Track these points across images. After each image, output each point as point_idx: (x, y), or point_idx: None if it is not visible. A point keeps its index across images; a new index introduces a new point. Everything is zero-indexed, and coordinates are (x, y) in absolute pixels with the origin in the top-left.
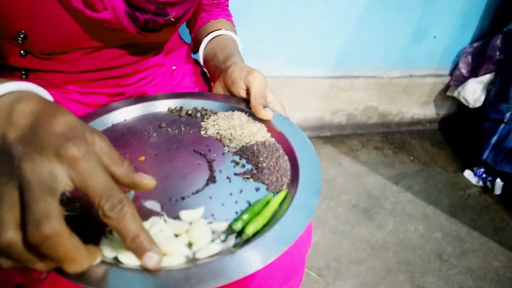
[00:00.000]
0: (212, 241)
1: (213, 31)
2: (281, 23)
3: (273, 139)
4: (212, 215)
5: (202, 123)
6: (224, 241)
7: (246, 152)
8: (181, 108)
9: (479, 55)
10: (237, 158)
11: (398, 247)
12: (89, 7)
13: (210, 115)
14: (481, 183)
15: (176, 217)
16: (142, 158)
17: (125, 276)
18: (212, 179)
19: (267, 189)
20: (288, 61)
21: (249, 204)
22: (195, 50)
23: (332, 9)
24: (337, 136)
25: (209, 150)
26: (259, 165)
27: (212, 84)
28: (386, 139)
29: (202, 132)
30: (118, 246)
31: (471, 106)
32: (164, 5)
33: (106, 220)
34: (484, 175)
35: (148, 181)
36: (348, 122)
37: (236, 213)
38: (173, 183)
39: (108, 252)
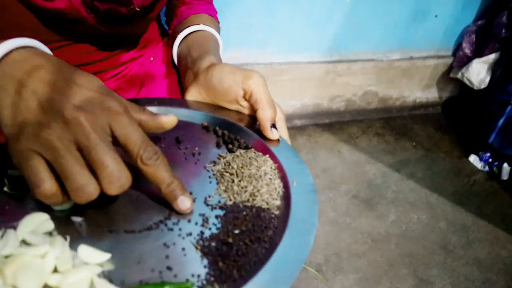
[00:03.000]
0: None
1: (189, 26)
2: (272, 7)
3: (277, 212)
4: (124, 257)
5: (221, 154)
6: None
7: (228, 214)
8: (216, 129)
9: (483, 33)
10: (210, 213)
11: (401, 238)
12: None
13: (237, 149)
14: (487, 169)
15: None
16: None
17: None
18: (162, 222)
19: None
20: (281, 47)
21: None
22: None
23: None
24: (336, 123)
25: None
26: (228, 239)
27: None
28: (387, 125)
29: (209, 165)
30: None
31: (475, 88)
32: None
33: (144, 167)
34: (490, 160)
35: (170, 118)
36: (347, 108)
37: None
38: (127, 210)
39: None
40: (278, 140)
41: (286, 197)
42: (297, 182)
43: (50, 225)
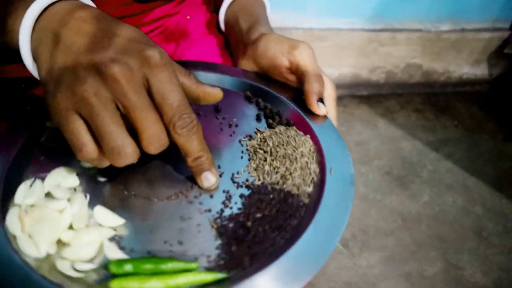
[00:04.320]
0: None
1: None
2: None
3: (307, 200)
4: (137, 225)
5: (259, 129)
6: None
7: (253, 195)
8: (259, 101)
9: None
10: (235, 191)
11: (433, 220)
12: None
13: (279, 125)
14: None
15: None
16: None
17: None
18: (182, 194)
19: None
20: (322, 11)
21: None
22: (216, 9)
23: None
24: (374, 96)
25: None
26: (247, 222)
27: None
28: (428, 100)
29: (244, 139)
30: None
31: None
32: None
33: (174, 135)
34: None
35: (215, 91)
36: (387, 81)
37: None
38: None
39: None
40: (324, 117)
41: (320, 185)
42: (335, 170)
43: (75, 181)
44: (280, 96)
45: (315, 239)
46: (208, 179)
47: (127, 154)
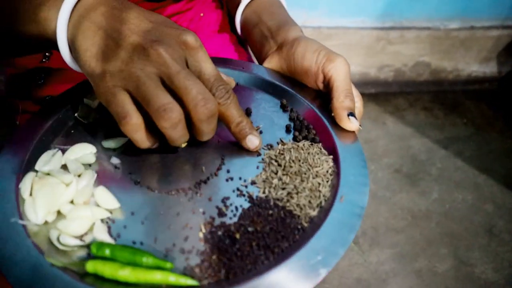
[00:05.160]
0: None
1: None
2: None
3: (306, 224)
4: (132, 213)
5: (283, 139)
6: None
7: (253, 208)
8: (293, 111)
9: None
10: (235, 199)
11: (443, 217)
12: None
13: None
14: None
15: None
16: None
17: None
18: (183, 191)
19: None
20: (331, 9)
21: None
22: (231, 12)
23: None
24: (382, 94)
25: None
26: (235, 234)
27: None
28: (436, 98)
29: (264, 147)
30: None
31: None
32: None
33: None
34: None
35: (229, 80)
36: (396, 79)
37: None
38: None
39: None
40: (354, 135)
41: (326, 211)
42: (347, 199)
43: (91, 158)
44: (315, 108)
45: (299, 270)
46: (252, 141)
47: (175, 111)
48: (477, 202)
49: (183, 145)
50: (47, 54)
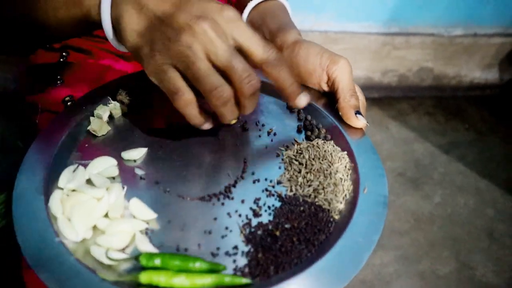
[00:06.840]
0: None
1: None
2: None
3: (337, 216)
4: (169, 221)
5: (297, 140)
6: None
7: (284, 206)
8: (300, 112)
9: None
10: (266, 200)
11: (445, 221)
12: None
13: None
14: None
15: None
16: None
17: None
18: (216, 196)
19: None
20: (338, 14)
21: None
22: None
23: None
24: (386, 99)
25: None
26: (275, 232)
27: None
28: (439, 104)
29: (281, 148)
30: None
31: None
32: None
33: (269, 69)
34: None
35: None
36: (399, 84)
37: (215, 253)
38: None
39: None
40: (362, 131)
41: (352, 203)
42: (369, 190)
43: (115, 171)
44: (322, 109)
45: (341, 257)
46: (302, 99)
47: (225, 91)
48: (478, 207)
49: (233, 121)
50: (64, 54)
